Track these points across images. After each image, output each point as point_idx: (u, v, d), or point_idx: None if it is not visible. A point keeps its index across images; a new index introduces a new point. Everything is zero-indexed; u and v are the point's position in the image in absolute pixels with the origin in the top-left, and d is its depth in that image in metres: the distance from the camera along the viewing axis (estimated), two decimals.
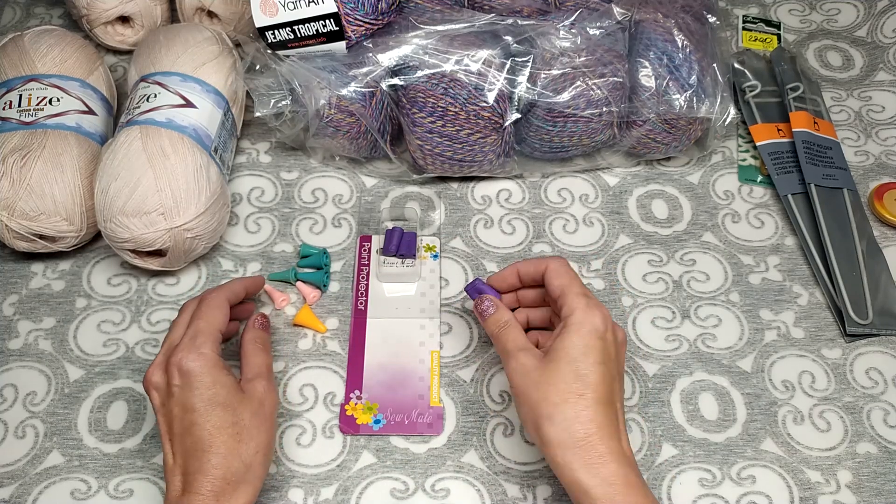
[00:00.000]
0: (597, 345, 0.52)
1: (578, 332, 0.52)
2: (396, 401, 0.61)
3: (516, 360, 0.53)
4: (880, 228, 0.72)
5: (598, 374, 0.51)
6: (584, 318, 0.52)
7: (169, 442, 0.52)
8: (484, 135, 0.67)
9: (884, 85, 0.83)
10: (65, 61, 0.70)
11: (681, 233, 0.71)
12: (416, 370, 0.62)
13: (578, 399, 0.50)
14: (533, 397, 0.51)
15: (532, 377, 0.52)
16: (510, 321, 0.56)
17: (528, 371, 0.52)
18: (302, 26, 0.65)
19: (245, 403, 0.53)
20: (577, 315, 0.53)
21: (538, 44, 0.67)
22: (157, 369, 0.54)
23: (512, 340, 0.54)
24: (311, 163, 0.75)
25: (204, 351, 0.53)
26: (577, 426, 0.49)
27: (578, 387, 0.50)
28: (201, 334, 0.54)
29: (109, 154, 0.63)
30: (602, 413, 0.50)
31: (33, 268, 0.67)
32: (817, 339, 0.65)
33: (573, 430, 0.49)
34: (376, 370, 0.62)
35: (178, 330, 0.56)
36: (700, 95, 0.69)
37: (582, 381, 0.50)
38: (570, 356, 0.51)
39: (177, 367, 0.52)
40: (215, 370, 0.53)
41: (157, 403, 0.54)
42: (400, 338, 0.64)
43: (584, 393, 0.50)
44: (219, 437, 0.51)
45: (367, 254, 0.68)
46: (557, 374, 0.51)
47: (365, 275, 0.67)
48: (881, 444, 0.60)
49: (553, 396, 0.50)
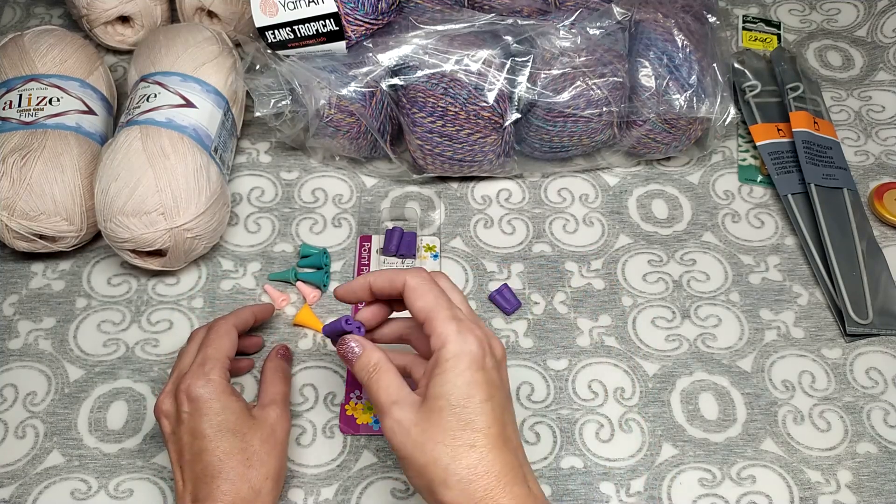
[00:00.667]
0: (478, 378, 0.45)
1: (455, 370, 0.45)
2: None
3: (391, 416, 0.46)
4: (880, 228, 0.72)
5: (486, 415, 0.45)
6: (458, 350, 0.46)
7: (179, 469, 0.52)
8: (484, 135, 0.67)
9: (884, 85, 0.83)
10: (65, 61, 0.70)
11: (681, 233, 0.71)
12: None
13: (470, 451, 0.44)
14: (419, 461, 0.45)
15: (413, 436, 0.45)
16: (379, 363, 0.48)
17: (408, 429, 0.46)
18: (302, 26, 0.65)
19: (255, 429, 0.53)
20: (450, 347, 0.46)
21: (538, 44, 0.67)
22: (167, 397, 0.54)
23: (384, 390, 0.47)
24: (311, 163, 0.75)
25: (213, 377, 0.53)
26: (475, 484, 0.44)
27: (468, 436, 0.45)
28: (209, 360, 0.54)
29: (109, 154, 0.63)
30: (499, 459, 0.45)
31: (33, 268, 0.67)
32: (817, 339, 0.65)
33: (471, 490, 0.44)
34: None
35: (186, 358, 0.56)
36: (700, 95, 0.69)
37: (471, 429, 0.45)
38: (451, 402, 0.45)
39: (186, 394, 0.52)
40: (224, 396, 0.53)
41: (167, 431, 0.53)
42: None
43: (475, 443, 0.45)
44: (228, 462, 0.51)
45: (367, 254, 0.68)
46: (441, 427, 0.45)
47: None
48: (881, 444, 0.60)
49: (442, 457, 0.44)
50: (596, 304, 0.66)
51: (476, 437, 0.45)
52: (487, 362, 0.46)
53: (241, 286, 0.67)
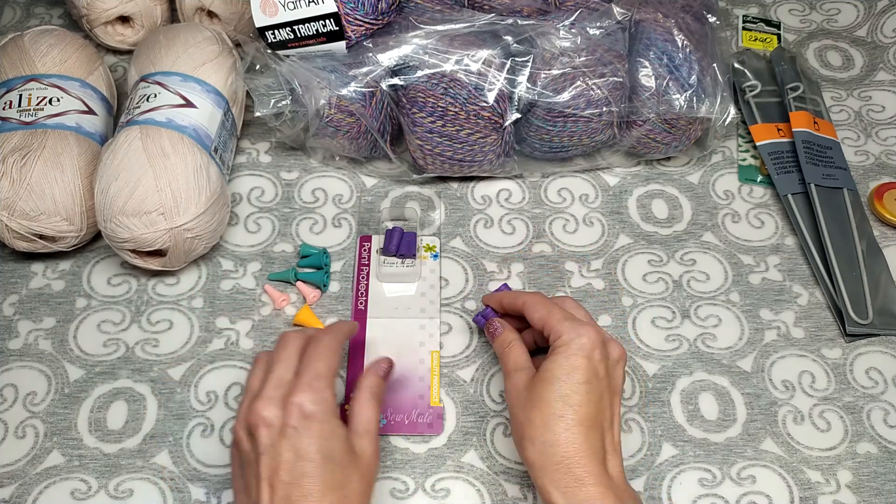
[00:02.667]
0: (581, 364, 0.51)
1: (564, 353, 0.52)
2: (396, 401, 0.60)
3: (511, 379, 0.54)
4: (880, 228, 0.72)
5: (581, 394, 0.50)
6: (569, 339, 0.52)
7: (269, 487, 0.47)
8: (484, 135, 0.68)
9: (884, 85, 0.83)
10: (65, 61, 0.70)
11: (681, 233, 0.71)
12: (416, 370, 0.62)
13: (558, 421, 0.50)
14: (519, 417, 0.52)
15: (521, 397, 0.52)
16: (514, 341, 0.57)
17: (519, 391, 0.53)
18: (302, 26, 0.65)
19: (355, 465, 0.49)
20: (564, 337, 0.53)
21: (538, 44, 0.67)
22: (271, 404, 0.49)
23: (513, 360, 0.55)
24: (311, 163, 0.75)
25: (327, 396, 0.50)
26: (555, 449, 0.49)
27: (560, 407, 0.50)
28: (323, 377, 0.50)
29: (109, 154, 0.63)
30: (582, 435, 0.50)
31: (33, 268, 0.67)
32: (817, 338, 0.65)
33: (550, 453, 0.49)
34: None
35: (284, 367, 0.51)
36: (700, 95, 0.69)
37: (564, 402, 0.50)
38: (554, 376, 0.51)
39: (298, 408, 0.48)
40: (335, 419, 0.49)
41: (264, 442, 0.48)
42: (400, 338, 0.64)
43: (564, 414, 0.50)
44: (329, 496, 0.47)
45: (367, 254, 0.68)
46: (541, 395, 0.51)
47: (365, 275, 0.67)
48: (881, 444, 0.60)
49: (535, 418, 0.51)
50: (596, 304, 0.66)
51: (566, 410, 0.50)
52: (596, 355, 0.52)
53: (241, 286, 0.67)
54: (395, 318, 0.65)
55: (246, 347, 0.63)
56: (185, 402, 0.61)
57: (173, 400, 0.61)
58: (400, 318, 0.65)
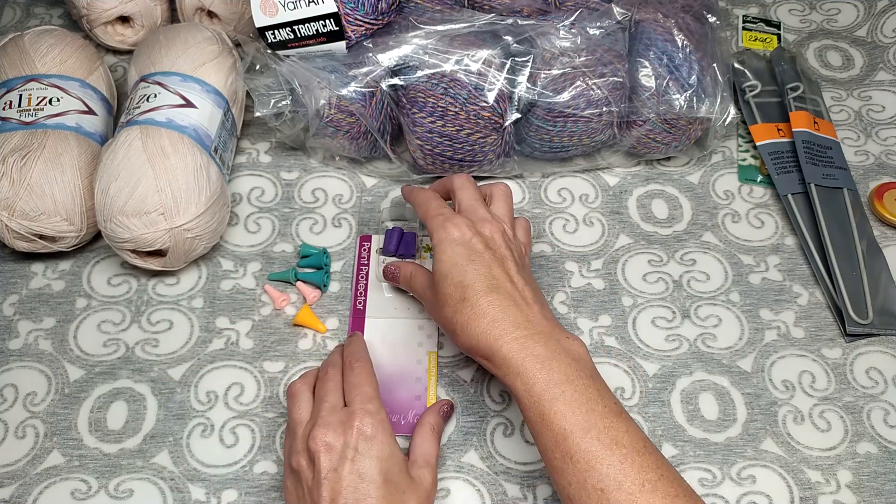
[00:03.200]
0: (459, 250, 0.55)
1: (439, 249, 0.55)
2: (393, 401, 0.60)
3: (423, 298, 0.59)
4: (880, 228, 0.72)
5: (471, 273, 0.53)
6: (438, 239, 0.56)
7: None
8: (484, 135, 0.67)
9: (884, 85, 0.83)
10: (65, 61, 0.70)
11: (681, 233, 0.71)
12: (414, 371, 0.62)
13: (464, 304, 0.53)
14: (440, 321, 0.56)
15: (434, 306, 0.56)
16: (413, 270, 0.61)
17: (430, 303, 0.57)
18: (302, 26, 0.65)
19: (413, 490, 0.50)
20: (434, 237, 0.56)
21: (538, 44, 0.67)
22: (331, 430, 0.50)
23: (419, 285, 0.59)
24: (311, 163, 0.75)
25: (383, 417, 0.51)
26: (472, 328, 0.52)
27: (459, 293, 0.53)
28: (374, 399, 0.52)
29: (109, 154, 0.63)
30: (493, 305, 0.52)
31: (33, 268, 0.67)
32: (817, 338, 0.65)
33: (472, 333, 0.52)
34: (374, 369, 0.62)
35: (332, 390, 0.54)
36: (700, 95, 0.69)
37: (460, 287, 0.53)
38: (442, 272, 0.55)
39: (360, 432, 0.50)
40: (393, 441, 0.51)
41: (325, 467, 0.49)
42: (398, 338, 0.64)
43: (466, 296, 0.53)
44: None
45: (366, 253, 0.68)
46: (442, 293, 0.54)
47: (364, 274, 0.67)
48: (881, 443, 0.60)
49: (447, 314, 0.54)
50: (596, 304, 0.66)
51: (466, 291, 0.53)
52: (467, 238, 0.55)
53: (241, 286, 0.67)
54: (393, 319, 0.65)
55: (246, 347, 0.63)
56: (185, 402, 0.61)
57: (173, 400, 0.61)
58: (398, 319, 0.65)
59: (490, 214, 0.58)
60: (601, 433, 0.47)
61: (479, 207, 0.58)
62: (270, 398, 0.61)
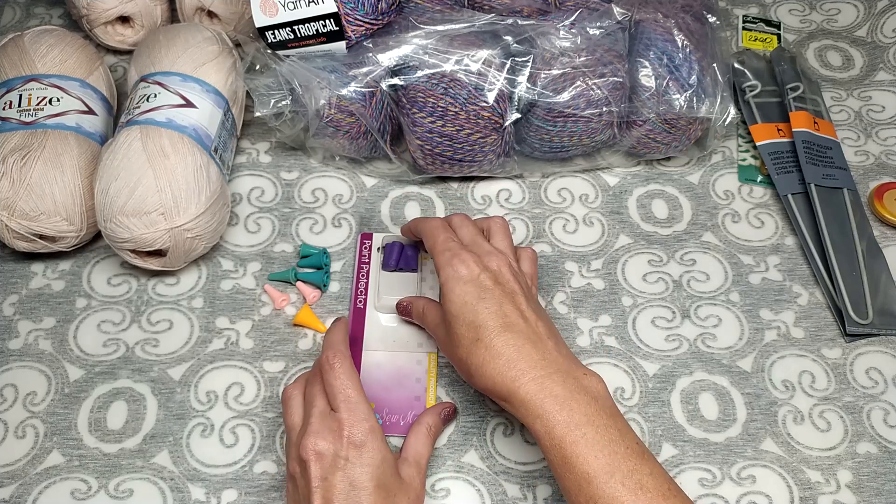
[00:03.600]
0: (468, 288, 0.54)
1: (448, 288, 0.54)
2: (392, 401, 0.60)
3: (435, 335, 0.58)
4: (880, 228, 0.72)
5: (483, 312, 0.52)
6: (446, 276, 0.55)
7: None
8: (484, 135, 0.68)
9: (884, 85, 0.83)
10: (65, 61, 0.70)
11: (681, 233, 0.71)
12: (414, 371, 0.62)
13: (478, 345, 0.52)
14: (454, 362, 0.55)
15: (446, 346, 0.55)
16: (425, 305, 0.60)
17: (443, 341, 0.56)
18: (302, 26, 0.65)
19: (403, 492, 0.51)
20: (442, 274, 0.55)
21: (538, 44, 0.67)
22: (322, 437, 0.50)
23: (430, 321, 0.59)
24: (311, 163, 0.75)
25: (372, 422, 0.51)
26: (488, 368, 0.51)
27: (473, 333, 0.52)
28: (362, 403, 0.52)
29: (109, 154, 0.63)
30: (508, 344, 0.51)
31: (33, 268, 0.67)
32: (817, 338, 0.65)
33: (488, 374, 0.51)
34: (373, 369, 0.62)
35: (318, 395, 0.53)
36: (700, 95, 0.69)
37: (473, 326, 0.52)
38: (453, 312, 0.54)
39: (349, 439, 0.50)
40: (384, 445, 0.51)
41: (316, 475, 0.49)
42: (398, 338, 0.64)
43: (480, 336, 0.52)
44: None
45: (367, 251, 0.68)
46: (454, 334, 0.54)
47: (365, 273, 0.67)
48: (881, 444, 0.60)
49: (461, 355, 0.53)
50: (596, 304, 0.66)
51: (479, 331, 0.52)
52: (475, 275, 0.54)
53: (241, 286, 0.67)
54: (393, 318, 0.65)
55: (246, 347, 0.63)
56: (185, 402, 0.61)
57: (173, 400, 0.61)
58: (398, 318, 0.65)
59: (494, 248, 0.57)
60: (625, 477, 0.46)
61: (483, 241, 0.58)
62: (270, 398, 0.61)
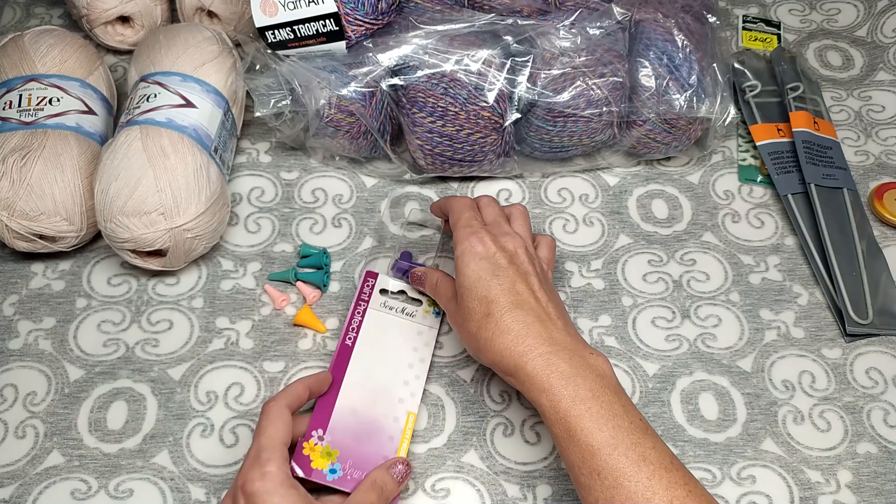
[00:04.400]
0: (483, 264, 0.55)
1: (463, 262, 0.55)
2: (359, 454, 0.56)
3: (446, 308, 0.59)
4: (880, 228, 0.72)
5: (495, 288, 0.54)
6: (462, 250, 0.56)
7: None
8: (484, 135, 0.68)
9: (884, 85, 0.83)
10: (65, 61, 0.70)
11: (681, 233, 0.71)
12: (388, 428, 0.58)
13: (488, 319, 0.53)
14: (463, 336, 0.56)
15: (456, 319, 0.57)
16: (440, 278, 0.60)
17: (453, 314, 0.57)
18: (302, 26, 0.65)
19: None
20: (458, 248, 0.56)
21: (538, 44, 0.67)
22: (228, 496, 0.50)
23: (443, 293, 0.59)
24: (311, 163, 0.75)
25: (269, 469, 0.49)
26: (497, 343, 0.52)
27: (484, 308, 0.53)
28: (264, 451, 0.50)
29: (109, 154, 0.63)
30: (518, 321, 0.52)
31: (33, 268, 0.67)
32: (817, 338, 0.65)
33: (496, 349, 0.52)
34: (347, 414, 0.57)
35: None
36: (700, 95, 0.69)
37: (485, 301, 0.54)
38: (465, 286, 0.55)
39: (241, 490, 0.49)
40: (283, 489, 0.49)
41: None
42: (380, 387, 0.59)
43: (490, 311, 0.53)
44: None
45: (369, 289, 0.65)
46: (466, 308, 0.55)
47: (361, 311, 0.63)
48: (881, 444, 0.60)
49: (471, 329, 0.54)
50: (596, 304, 0.66)
51: (490, 306, 0.53)
52: (491, 253, 0.55)
53: (241, 286, 0.67)
54: (380, 366, 0.60)
55: (246, 347, 0.63)
56: (185, 402, 0.61)
57: (173, 400, 0.61)
58: (385, 367, 0.60)
59: (513, 230, 0.59)
60: (628, 449, 0.47)
61: (504, 223, 0.59)
62: None
